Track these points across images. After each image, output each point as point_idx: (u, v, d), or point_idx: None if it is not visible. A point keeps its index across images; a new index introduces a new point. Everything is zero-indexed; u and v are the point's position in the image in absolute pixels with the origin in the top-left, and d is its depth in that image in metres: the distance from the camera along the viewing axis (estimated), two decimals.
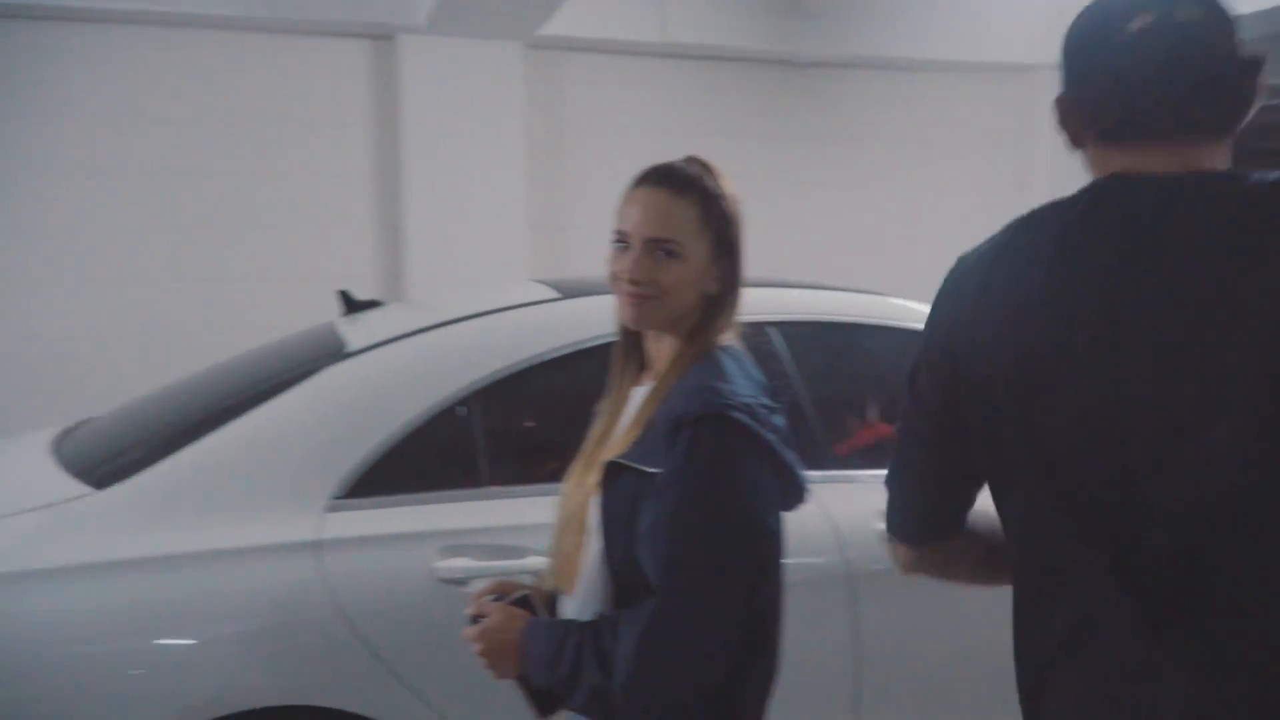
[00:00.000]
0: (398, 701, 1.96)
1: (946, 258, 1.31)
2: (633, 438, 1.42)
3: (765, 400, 1.42)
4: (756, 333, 2.44)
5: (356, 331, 2.47)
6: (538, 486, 2.19)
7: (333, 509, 2.04)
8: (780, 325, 2.48)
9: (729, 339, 1.49)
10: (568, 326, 2.34)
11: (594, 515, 1.42)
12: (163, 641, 1.92)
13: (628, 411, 1.51)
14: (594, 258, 5.92)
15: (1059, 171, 6.05)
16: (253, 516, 2.02)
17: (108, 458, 2.23)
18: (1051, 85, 1.24)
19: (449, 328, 2.35)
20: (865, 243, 5.79)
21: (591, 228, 5.34)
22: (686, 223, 1.43)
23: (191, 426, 2.20)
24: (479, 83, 4.91)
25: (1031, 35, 5.76)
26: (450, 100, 4.86)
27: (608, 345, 2.30)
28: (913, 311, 2.59)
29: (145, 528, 1.99)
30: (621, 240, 1.46)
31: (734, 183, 1.51)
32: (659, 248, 1.42)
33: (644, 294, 1.42)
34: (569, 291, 2.52)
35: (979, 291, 1.24)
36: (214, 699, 1.89)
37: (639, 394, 1.50)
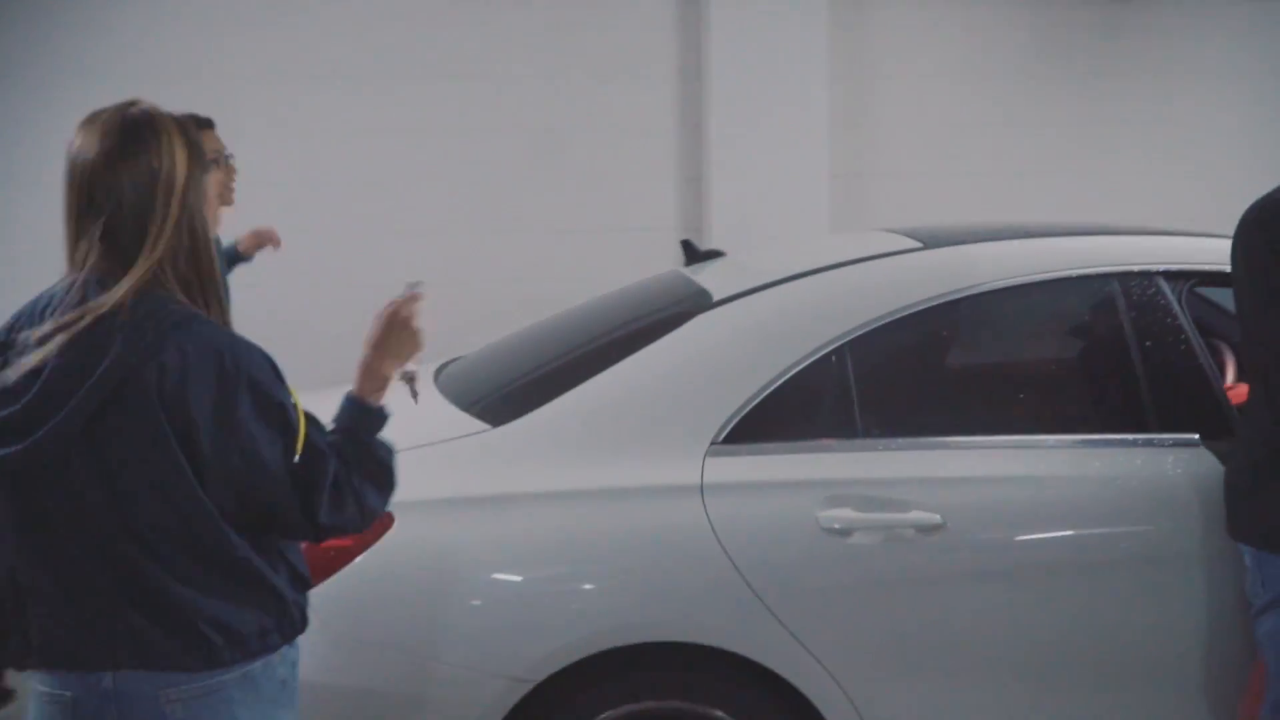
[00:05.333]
0: (779, 646, 1.99)
1: None
2: None
3: None
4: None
5: (713, 281, 2.50)
6: (911, 440, 2.17)
7: (713, 454, 2.08)
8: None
9: None
10: (937, 277, 2.28)
11: None
12: (550, 573, 2.05)
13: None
14: (895, 204, 5.73)
15: None
16: (635, 458, 2.10)
17: (494, 396, 2.37)
18: None
19: (814, 277, 2.34)
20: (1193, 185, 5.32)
21: (893, 176, 5.22)
22: None
23: (571, 370, 2.30)
24: (784, 31, 4.84)
25: None
26: (755, 49, 4.83)
27: (977, 297, 2.26)
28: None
29: (540, 464, 2.11)
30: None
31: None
32: None
33: None
34: (929, 241, 2.45)
35: None
36: (594, 635, 1.98)
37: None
